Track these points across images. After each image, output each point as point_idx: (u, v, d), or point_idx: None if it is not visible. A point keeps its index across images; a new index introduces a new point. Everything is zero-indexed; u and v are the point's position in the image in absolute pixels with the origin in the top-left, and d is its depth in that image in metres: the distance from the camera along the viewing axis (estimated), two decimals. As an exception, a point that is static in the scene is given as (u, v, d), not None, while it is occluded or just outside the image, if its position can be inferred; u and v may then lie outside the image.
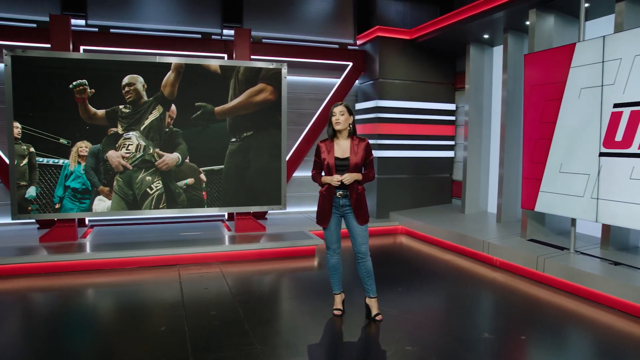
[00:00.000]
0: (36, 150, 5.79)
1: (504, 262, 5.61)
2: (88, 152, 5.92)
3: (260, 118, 6.45)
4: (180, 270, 5.49)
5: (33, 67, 5.70)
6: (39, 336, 3.76)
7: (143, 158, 6.07)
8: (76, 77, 5.81)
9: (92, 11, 6.98)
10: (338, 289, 4.18)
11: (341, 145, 3.94)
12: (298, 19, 8.02)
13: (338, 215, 4.00)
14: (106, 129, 5.96)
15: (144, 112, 6.06)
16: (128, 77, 5.96)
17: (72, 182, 5.91)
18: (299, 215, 8.04)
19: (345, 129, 3.91)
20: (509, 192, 6.92)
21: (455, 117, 8.63)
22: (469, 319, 4.21)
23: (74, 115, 5.86)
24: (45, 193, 5.86)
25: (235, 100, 6.34)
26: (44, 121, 5.79)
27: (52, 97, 5.78)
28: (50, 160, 5.85)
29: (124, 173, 6.04)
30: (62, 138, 5.87)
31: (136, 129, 6.03)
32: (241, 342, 3.57)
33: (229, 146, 6.38)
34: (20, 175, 5.75)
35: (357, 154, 3.89)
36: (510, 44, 6.70)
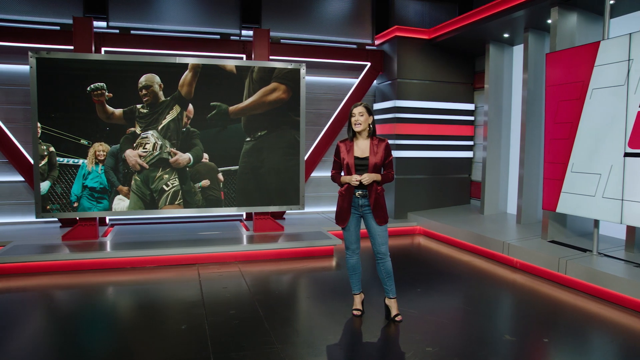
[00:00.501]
0: (57, 151, 5.88)
1: (524, 264, 5.53)
2: (107, 152, 5.99)
3: (274, 117, 6.45)
4: (200, 269, 5.52)
5: (56, 68, 5.79)
6: (61, 332, 3.81)
7: (160, 157, 6.12)
8: (97, 79, 5.89)
9: (113, 13, 7.06)
10: (357, 289, 4.16)
11: (361, 145, 3.92)
12: (316, 19, 8.02)
13: (357, 216, 3.98)
14: (125, 129, 6.03)
15: (161, 111, 6.12)
16: (145, 78, 6.02)
17: (89, 182, 5.99)
18: (316, 215, 8.03)
19: (365, 130, 3.90)
20: (529, 193, 6.82)
21: (474, 117, 8.54)
22: (489, 321, 4.16)
23: (95, 116, 5.93)
24: (66, 192, 5.95)
25: (249, 99, 6.36)
26: (65, 122, 5.87)
27: (74, 98, 5.86)
28: (70, 160, 5.94)
29: (142, 172, 6.10)
30: (82, 139, 5.95)
31: (153, 129, 6.08)
32: (261, 341, 3.58)
33: (243, 146, 6.40)
34: (40, 175, 5.85)
35: (377, 154, 3.87)
36: (531, 43, 6.60)
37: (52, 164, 5.88)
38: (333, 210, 8.45)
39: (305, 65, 6.61)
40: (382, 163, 3.90)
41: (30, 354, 3.41)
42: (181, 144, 6.18)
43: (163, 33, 7.31)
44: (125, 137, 6.04)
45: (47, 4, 6.87)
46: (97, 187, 6.02)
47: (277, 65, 6.41)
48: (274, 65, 6.41)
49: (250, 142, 6.43)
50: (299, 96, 6.51)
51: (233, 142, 6.36)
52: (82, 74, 5.86)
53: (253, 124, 6.42)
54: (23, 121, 6.99)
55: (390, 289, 4.03)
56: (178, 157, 6.16)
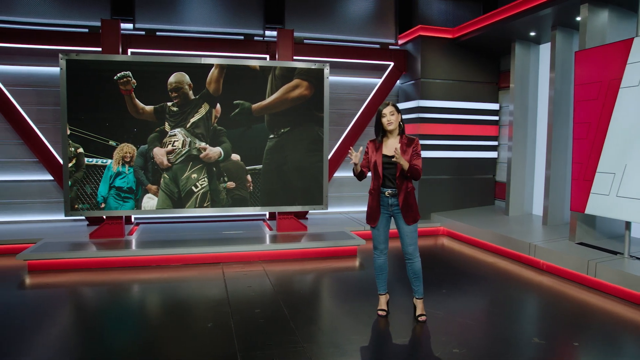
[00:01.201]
0: (85, 152, 5.98)
1: (551, 266, 5.42)
2: (136, 152, 6.07)
3: (297, 114, 6.46)
4: (224, 268, 5.55)
5: (85, 70, 5.89)
6: (89, 328, 3.87)
7: (189, 153, 6.18)
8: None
9: (139, 15, 7.16)
10: (383, 290, 4.12)
11: (390, 144, 3.88)
12: (339, 19, 8.00)
13: (387, 215, 3.94)
14: (153, 128, 6.10)
15: (190, 110, 6.17)
16: (174, 78, 6.08)
17: (117, 182, 6.08)
18: (339, 216, 8.01)
19: (396, 128, 3.86)
20: (556, 194, 6.69)
21: (498, 117, 8.42)
22: (516, 323, 4.08)
23: (123, 117, 6.02)
24: (94, 192, 6.04)
25: (272, 97, 6.37)
26: (94, 123, 5.97)
27: (103, 99, 5.95)
28: (98, 161, 6.03)
29: (170, 170, 6.16)
30: (110, 140, 6.04)
31: (182, 126, 6.14)
32: (287, 340, 3.57)
33: (267, 143, 6.42)
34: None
35: (406, 152, 3.82)
36: (559, 41, 6.47)
37: (80, 165, 5.98)
38: (356, 210, 8.42)
39: (329, 65, 6.59)
40: (409, 162, 3.84)
41: (59, 349, 3.47)
42: (210, 141, 6.23)
43: (188, 34, 7.38)
44: (154, 135, 6.10)
45: (76, 7, 7.00)
46: (124, 187, 6.10)
47: (301, 66, 6.41)
48: (301, 66, 6.41)
49: (274, 139, 6.44)
50: (321, 92, 6.49)
51: (258, 141, 6.38)
52: (110, 75, 5.95)
53: (276, 121, 6.43)
54: (53, 122, 7.13)
55: (418, 289, 3.99)
56: (208, 151, 6.19)
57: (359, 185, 8.44)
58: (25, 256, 5.34)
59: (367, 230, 7.07)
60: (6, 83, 6.91)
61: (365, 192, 8.33)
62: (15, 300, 4.50)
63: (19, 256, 5.33)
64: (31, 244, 5.98)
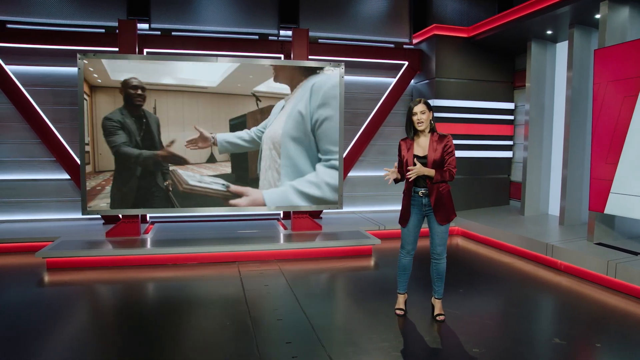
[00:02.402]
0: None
1: (570, 266, 5.37)
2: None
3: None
4: (240, 267, 5.56)
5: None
6: (106, 326, 3.90)
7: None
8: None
9: (155, 15, 7.19)
10: (403, 289, 4.11)
11: (421, 143, 3.84)
12: (353, 18, 7.98)
13: (420, 216, 3.90)
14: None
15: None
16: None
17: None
18: (353, 215, 8.00)
19: (427, 127, 3.82)
20: (573, 194, 6.62)
21: (514, 116, 8.36)
22: (535, 323, 4.04)
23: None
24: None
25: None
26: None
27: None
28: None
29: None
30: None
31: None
32: (306, 339, 3.57)
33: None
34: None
35: (437, 150, 3.78)
36: (577, 39, 6.41)
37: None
38: (369, 210, 8.40)
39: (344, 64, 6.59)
40: (441, 159, 3.80)
41: (76, 347, 3.50)
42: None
43: (203, 34, 7.41)
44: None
45: (92, 8, 7.05)
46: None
47: (316, 65, 6.41)
48: (316, 65, 6.40)
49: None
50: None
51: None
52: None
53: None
54: (69, 121, 7.20)
55: (438, 289, 3.98)
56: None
57: (372, 185, 8.44)
58: (44, 254, 5.39)
59: (382, 230, 7.06)
60: (24, 83, 6.99)
61: (379, 193, 8.43)
62: (34, 297, 4.55)
63: (38, 254, 5.39)
64: (48, 242, 6.04)
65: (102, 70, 5.96)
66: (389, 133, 8.43)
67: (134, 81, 6.03)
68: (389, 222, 7.24)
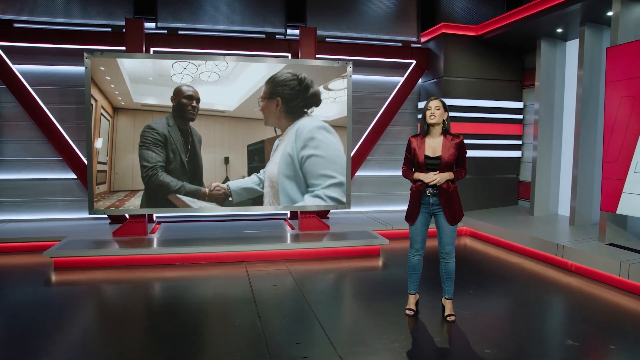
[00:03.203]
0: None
1: (580, 267, 5.34)
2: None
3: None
4: (248, 267, 5.56)
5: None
6: (113, 326, 3.91)
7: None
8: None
9: (162, 14, 7.21)
10: (414, 289, 4.10)
11: (432, 143, 3.84)
12: (361, 17, 7.97)
13: (428, 214, 3.91)
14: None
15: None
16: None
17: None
18: (360, 215, 7.98)
19: (439, 125, 3.81)
20: (584, 194, 6.59)
21: (522, 115, 8.32)
22: (546, 324, 4.02)
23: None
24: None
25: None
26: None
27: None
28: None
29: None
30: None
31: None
32: (316, 339, 3.57)
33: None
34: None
35: (450, 151, 3.78)
36: (588, 37, 6.37)
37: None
38: (376, 210, 8.38)
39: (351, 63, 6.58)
40: (454, 161, 3.81)
41: (83, 348, 3.50)
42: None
43: (210, 33, 7.42)
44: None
45: (99, 7, 7.08)
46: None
47: (324, 64, 6.41)
48: (324, 64, 6.40)
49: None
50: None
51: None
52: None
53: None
54: (76, 120, 7.23)
55: (448, 289, 3.96)
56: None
57: (379, 185, 8.43)
58: (51, 253, 5.41)
59: (390, 230, 7.04)
60: (31, 82, 7.02)
61: (386, 192, 8.41)
62: (42, 297, 4.57)
63: (45, 253, 5.41)
64: (55, 241, 6.07)
65: (126, 93, 5.97)
66: (396, 132, 8.42)
67: (188, 90, 6.06)
68: (397, 222, 7.22)
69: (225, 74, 6.22)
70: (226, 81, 6.23)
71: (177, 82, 6.10)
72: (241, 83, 6.26)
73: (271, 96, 6.25)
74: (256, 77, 6.26)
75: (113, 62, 5.95)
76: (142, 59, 6.02)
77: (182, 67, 6.08)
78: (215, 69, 6.17)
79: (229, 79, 6.23)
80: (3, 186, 7.16)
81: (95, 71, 5.93)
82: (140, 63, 5.99)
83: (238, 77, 6.24)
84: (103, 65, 5.93)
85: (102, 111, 5.95)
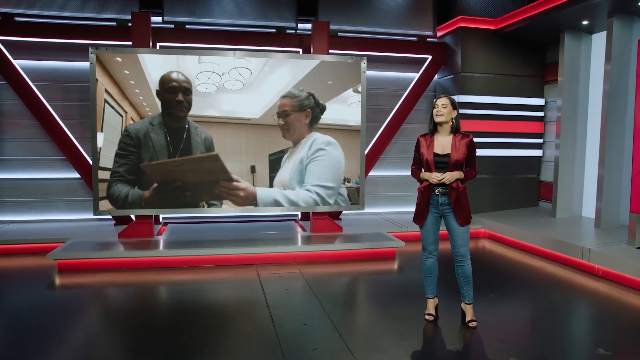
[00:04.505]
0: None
1: (608, 272, 5.26)
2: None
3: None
4: (259, 269, 5.55)
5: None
6: (120, 331, 3.90)
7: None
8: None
9: (168, 8, 7.21)
10: (432, 293, 4.06)
11: (441, 141, 3.84)
12: (374, 10, 7.93)
13: (437, 215, 3.89)
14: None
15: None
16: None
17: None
18: (374, 217, 7.95)
19: (447, 123, 3.81)
20: (611, 195, 6.52)
21: (544, 112, 8.25)
22: (574, 331, 3.98)
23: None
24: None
25: None
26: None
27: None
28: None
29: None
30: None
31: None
32: (333, 345, 3.54)
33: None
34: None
35: (459, 150, 3.78)
36: (616, 29, 6.29)
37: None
38: (391, 211, 8.34)
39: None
40: (464, 160, 3.80)
41: (87, 353, 3.50)
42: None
43: (218, 27, 7.42)
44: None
45: (104, 0, 7.08)
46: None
47: (337, 60, 6.38)
48: (337, 60, 6.38)
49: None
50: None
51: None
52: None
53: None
54: (79, 118, 7.26)
55: (468, 294, 3.91)
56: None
57: (394, 185, 8.39)
58: (55, 255, 5.42)
59: (404, 232, 7.00)
60: (33, 78, 7.05)
61: (401, 193, 8.36)
62: (45, 300, 4.57)
63: (49, 255, 5.42)
64: (59, 243, 6.09)
65: (153, 105, 6.03)
66: (411, 131, 8.37)
67: (171, 81, 6.03)
68: (412, 224, 7.10)
69: (249, 82, 6.25)
70: (250, 89, 6.27)
71: (201, 91, 6.12)
72: (265, 90, 6.30)
73: (301, 108, 6.30)
74: (280, 84, 6.30)
75: (141, 75, 5.98)
76: (148, 54, 6.01)
77: (207, 77, 6.10)
78: (239, 77, 6.20)
79: (253, 86, 6.27)
80: (4, 186, 7.20)
81: (122, 80, 5.98)
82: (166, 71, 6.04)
83: (262, 85, 6.28)
84: (127, 69, 5.97)
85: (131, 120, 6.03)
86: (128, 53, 5.96)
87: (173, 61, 6.05)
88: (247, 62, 6.23)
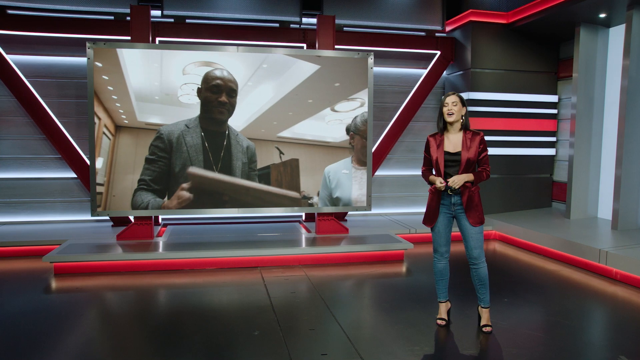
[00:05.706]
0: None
1: (627, 275, 5.24)
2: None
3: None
4: (263, 272, 5.53)
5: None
6: (117, 336, 3.90)
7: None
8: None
9: (168, 1, 7.20)
10: (444, 297, 4.05)
11: (452, 139, 3.84)
12: (381, 4, 7.91)
13: (449, 216, 3.88)
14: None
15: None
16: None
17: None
18: (380, 217, 7.94)
19: (458, 121, 3.82)
20: (629, 195, 6.49)
21: (557, 110, 8.23)
22: (594, 338, 3.96)
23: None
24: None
25: None
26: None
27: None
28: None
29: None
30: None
31: None
32: (343, 351, 3.53)
33: None
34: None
35: (470, 148, 3.78)
36: (636, 22, 6.25)
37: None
38: (398, 212, 8.34)
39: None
40: (476, 159, 3.80)
41: (84, 359, 3.49)
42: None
43: (219, 21, 7.41)
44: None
45: (101, -7, 7.09)
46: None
47: (343, 55, 6.37)
48: (343, 55, 6.37)
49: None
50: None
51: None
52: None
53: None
54: (76, 115, 7.25)
55: (484, 297, 3.90)
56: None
57: (401, 185, 8.37)
58: (51, 258, 5.41)
59: (413, 234, 6.99)
60: (27, 74, 7.04)
61: (408, 193, 8.35)
62: (41, 305, 4.55)
63: (45, 258, 5.41)
64: (55, 245, 6.09)
65: (130, 112, 5.93)
66: (419, 129, 8.36)
67: (216, 79, 5.86)
68: (421, 225, 7.12)
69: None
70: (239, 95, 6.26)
71: (184, 102, 6.03)
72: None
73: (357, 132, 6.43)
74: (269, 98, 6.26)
75: (121, 80, 5.94)
76: (147, 49, 6.01)
77: (191, 88, 6.05)
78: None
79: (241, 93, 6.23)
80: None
81: (99, 85, 5.92)
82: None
83: (246, 97, 6.24)
84: (107, 74, 5.93)
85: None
86: (127, 48, 5.96)
87: (156, 71, 5.91)
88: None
